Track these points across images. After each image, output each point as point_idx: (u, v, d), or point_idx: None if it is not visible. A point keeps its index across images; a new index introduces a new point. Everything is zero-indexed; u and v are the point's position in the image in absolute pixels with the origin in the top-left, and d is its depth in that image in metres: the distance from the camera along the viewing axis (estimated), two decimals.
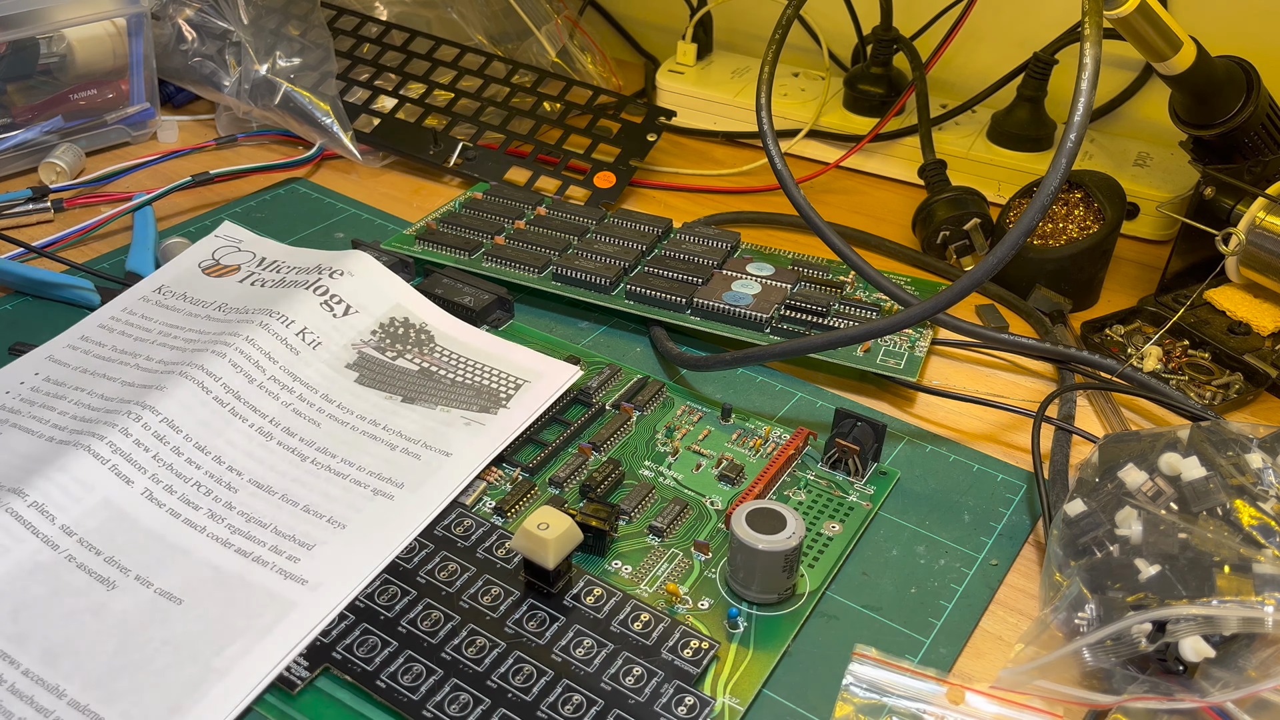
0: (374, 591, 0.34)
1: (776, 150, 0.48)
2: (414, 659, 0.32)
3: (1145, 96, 0.66)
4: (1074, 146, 0.34)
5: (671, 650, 0.32)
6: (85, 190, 0.59)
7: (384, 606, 0.33)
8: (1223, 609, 0.29)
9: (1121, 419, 0.45)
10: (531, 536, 0.32)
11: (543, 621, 0.33)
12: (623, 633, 0.32)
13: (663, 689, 0.31)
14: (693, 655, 0.32)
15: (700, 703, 0.30)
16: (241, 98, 0.63)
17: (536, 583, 0.34)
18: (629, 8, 0.82)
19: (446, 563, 0.35)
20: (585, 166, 0.62)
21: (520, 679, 0.31)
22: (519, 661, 0.32)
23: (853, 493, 0.40)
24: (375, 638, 0.32)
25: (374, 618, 0.33)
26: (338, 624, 0.33)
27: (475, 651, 0.32)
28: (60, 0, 0.57)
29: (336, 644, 0.32)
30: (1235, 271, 0.50)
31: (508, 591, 0.34)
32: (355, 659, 0.32)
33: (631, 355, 0.48)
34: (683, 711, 0.30)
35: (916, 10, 0.67)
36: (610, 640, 0.32)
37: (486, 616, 0.33)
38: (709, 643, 0.32)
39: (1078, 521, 0.34)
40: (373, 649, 0.32)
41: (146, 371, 0.41)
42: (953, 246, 0.55)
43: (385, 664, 0.32)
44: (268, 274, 0.48)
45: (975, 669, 0.34)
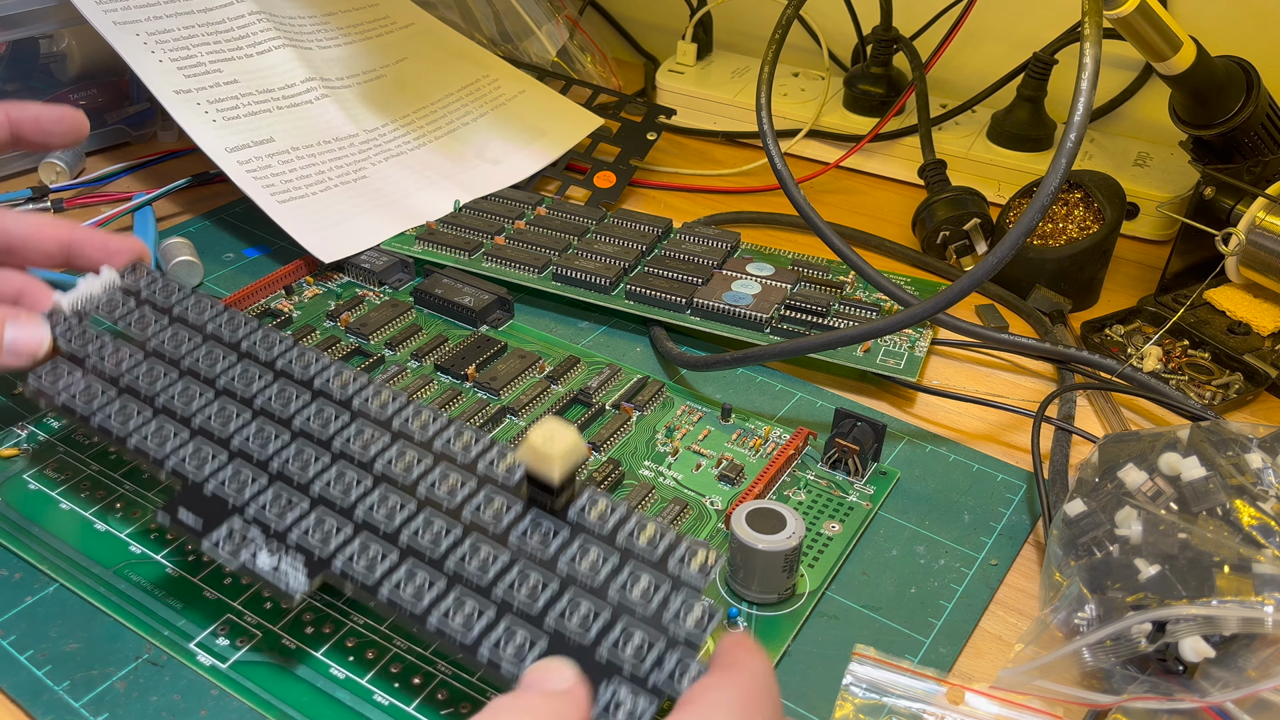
0: (374, 503, 0.33)
1: (776, 150, 0.48)
2: (416, 568, 0.31)
3: (1145, 96, 0.66)
4: (1074, 146, 0.34)
5: (679, 562, 0.31)
6: (85, 190, 0.59)
7: (384, 518, 0.32)
8: (1222, 609, 0.29)
9: (1121, 419, 0.45)
10: (537, 451, 0.31)
11: (547, 533, 0.32)
12: (629, 545, 0.32)
13: (671, 599, 0.30)
14: (700, 567, 0.31)
15: (708, 613, 0.30)
16: None
17: (540, 497, 0.33)
18: (629, 8, 0.82)
19: (448, 475, 0.34)
20: (585, 166, 0.62)
21: (526, 589, 0.30)
22: (524, 572, 0.31)
23: (853, 493, 0.40)
24: (376, 547, 0.31)
25: (374, 529, 0.32)
26: (336, 532, 0.32)
27: (479, 563, 0.31)
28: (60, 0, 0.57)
29: (336, 554, 0.31)
30: (1235, 271, 0.50)
31: (510, 504, 0.33)
32: (356, 569, 0.31)
33: (631, 355, 0.48)
34: (691, 621, 0.29)
35: (916, 10, 0.67)
36: (616, 552, 0.32)
37: (490, 528, 0.32)
38: (715, 554, 0.32)
39: (1077, 521, 0.34)
40: (374, 559, 0.31)
41: None
42: (953, 246, 0.55)
43: (387, 575, 0.31)
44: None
45: (975, 669, 0.34)
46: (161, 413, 0.36)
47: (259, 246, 0.55)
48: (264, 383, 0.37)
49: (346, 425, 0.35)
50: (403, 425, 0.35)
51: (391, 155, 0.58)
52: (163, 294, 0.40)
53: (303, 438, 0.35)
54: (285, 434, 0.35)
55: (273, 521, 0.32)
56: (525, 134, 0.62)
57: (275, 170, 0.54)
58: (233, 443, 0.35)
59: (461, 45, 0.68)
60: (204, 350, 0.38)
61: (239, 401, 0.36)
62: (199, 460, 0.34)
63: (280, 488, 0.33)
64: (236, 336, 0.39)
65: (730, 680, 0.27)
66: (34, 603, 0.35)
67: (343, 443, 0.35)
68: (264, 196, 0.52)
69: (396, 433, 0.35)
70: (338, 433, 0.35)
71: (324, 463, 0.34)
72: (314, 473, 0.34)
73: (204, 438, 0.35)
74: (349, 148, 0.57)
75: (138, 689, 0.32)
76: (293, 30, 0.60)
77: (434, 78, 0.64)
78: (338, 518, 0.32)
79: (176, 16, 0.56)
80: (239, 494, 0.33)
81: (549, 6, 0.72)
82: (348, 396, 0.36)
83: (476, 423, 0.42)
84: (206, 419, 0.35)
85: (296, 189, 0.53)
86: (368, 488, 0.33)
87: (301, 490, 0.33)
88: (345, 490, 0.33)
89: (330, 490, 0.33)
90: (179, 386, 0.37)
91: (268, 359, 0.38)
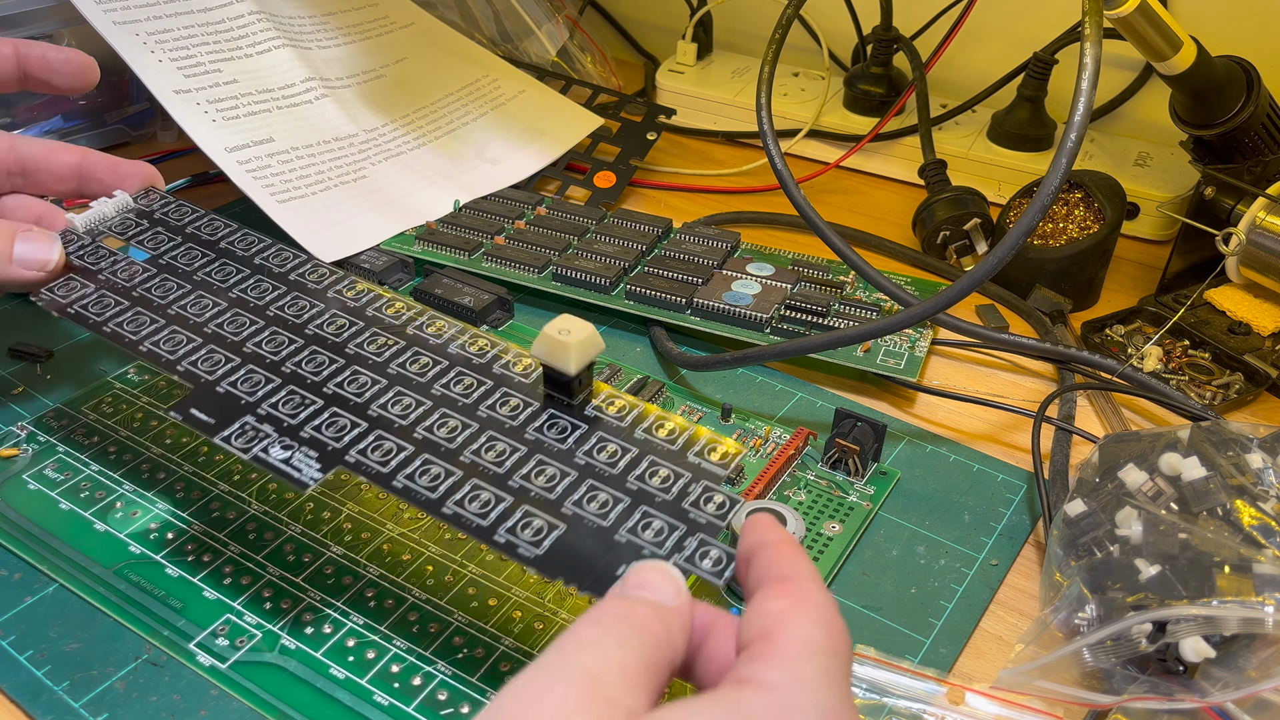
0: (387, 402, 0.33)
1: (776, 150, 0.48)
2: (431, 462, 0.31)
3: (1145, 96, 0.66)
4: (1074, 146, 0.34)
5: (698, 454, 0.31)
6: None
7: (398, 415, 0.33)
8: (1223, 609, 0.29)
9: (1121, 419, 0.45)
10: (553, 341, 0.31)
11: (564, 430, 0.32)
12: (647, 439, 0.32)
13: (690, 488, 0.30)
14: (720, 459, 0.31)
15: (730, 501, 0.30)
16: None
17: (556, 395, 0.33)
18: (629, 8, 0.82)
19: (462, 377, 0.34)
20: (585, 166, 0.62)
21: (544, 479, 0.30)
22: (541, 464, 0.31)
23: (853, 493, 0.40)
24: (390, 443, 0.32)
25: (388, 425, 0.32)
26: (350, 429, 0.32)
27: (495, 455, 0.31)
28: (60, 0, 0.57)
29: (350, 448, 0.32)
30: (1235, 271, 0.50)
31: (526, 403, 0.33)
32: (370, 461, 0.31)
33: (631, 355, 0.48)
34: (712, 508, 0.29)
35: (916, 10, 0.67)
36: (634, 445, 0.32)
37: (506, 424, 0.32)
38: (735, 448, 0.32)
39: (1078, 521, 0.34)
40: (388, 453, 0.31)
41: None
42: (953, 246, 0.55)
43: (401, 466, 0.31)
44: None
45: (975, 669, 0.34)
46: (174, 321, 0.36)
47: None
48: (277, 294, 0.38)
49: (360, 332, 0.36)
50: (418, 331, 0.36)
51: (391, 155, 0.58)
52: (175, 215, 0.41)
53: (316, 344, 0.35)
54: (299, 340, 0.36)
55: (286, 419, 0.32)
56: (525, 134, 0.62)
57: (275, 170, 0.54)
58: (245, 348, 0.35)
59: (461, 45, 0.68)
60: (216, 265, 0.39)
61: (251, 311, 0.37)
62: (212, 363, 0.34)
63: (294, 389, 0.33)
64: (249, 252, 0.39)
65: (806, 611, 0.24)
66: (34, 603, 0.35)
67: (356, 348, 0.35)
68: (264, 196, 0.52)
69: (411, 337, 0.36)
70: (351, 339, 0.35)
71: (337, 366, 0.34)
72: (327, 374, 0.34)
73: (216, 344, 0.35)
74: (349, 148, 0.57)
75: (137, 689, 0.32)
76: (293, 30, 0.60)
77: (434, 78, 0.64)
78: (351, 416, 0.33)
79: (176, 16, 0.56)
80: (251, 393, 0.33)
81: (549, 6, 0.72)
82: (360, 305, 0.37)
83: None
84: (219, 326, 0.36)
85: (296, 189, 0.53)
86: (382, 388, 0.33)
87: (314, 391, 0.33)
88: (359, 391, 0.33)
89: (344, 390, 0.33)
90: (191, 298, 0.37)
91: (280, 272, 0.39)
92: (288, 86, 0.57)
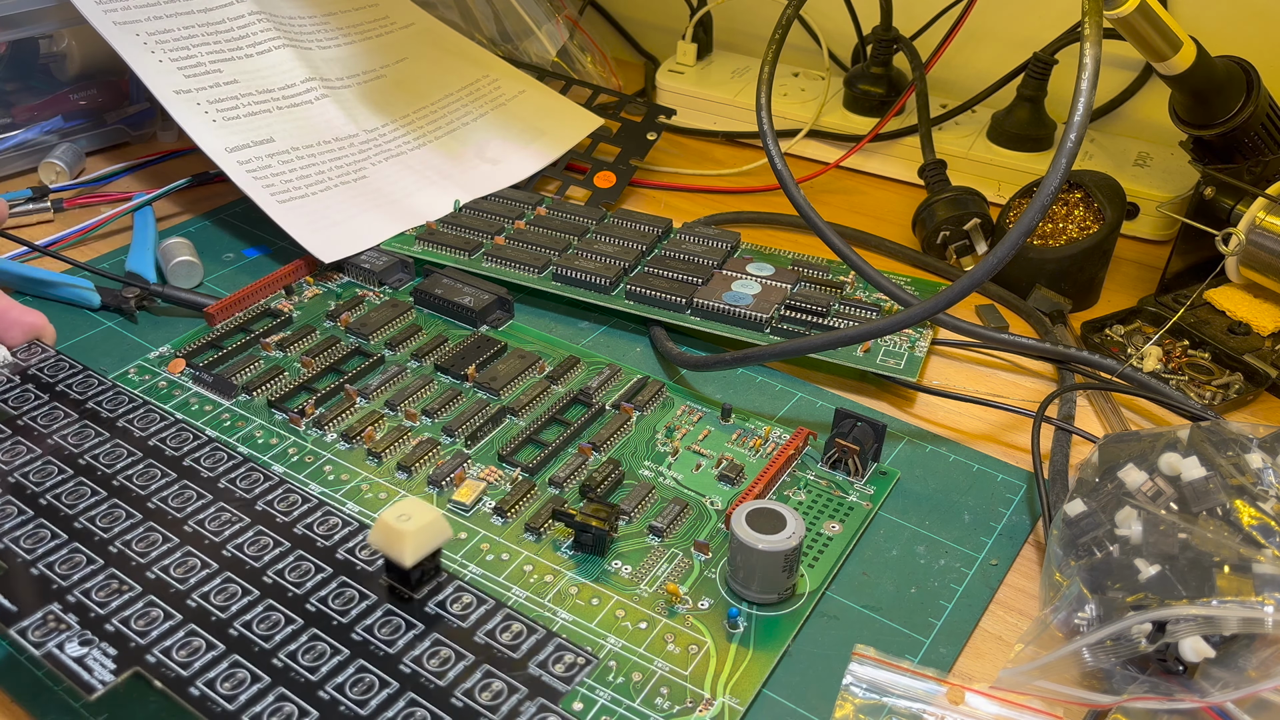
0: (210, 591, 0.31)
1: (776, 150, 0.48)
2: (239, 665, 0.29)
3: (1145, 96, 0.66)
4: (1074, 146, 0.34)
5: (541, 665, 0.29)
6: (85, 190, 0.59)
7: (218, 607, 0.31)
8: (1223, 609, 0.29)
9: (1121, 419, 0.45)
10: (389, 530, 0.29)
11: (397, 629, 0.30)
12: (488, 644, 0.30)
13: (523, 707, 0.28)
14: (565, 670, 0.29)
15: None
16: None
17: (398, 586, 0.31)
18: (629, 8, 0.82)
19: (300, 562, 0.32)
20: (585, 166, 0.62)
21: (358, 690, 0.28)
22: (361, 671, 0.29)
23: (853, 493, 0.40)
24: (200, 640, 0.30)
25: (204, 619, 0.30)
26: (160, 624, 0.30)
27: (312, 659, 0.29)
28: (60, 0, 0.57)
29: (154, 646, 0.30)
30: (1235, 271, 0.50)
31: (363, 595, 0.31)
32: (171, 662, 0.29)
33: (631, 355, 0.48)
34: None
35: (916, 10, 0.67)
36: (471, 651, 0.29)
37: (333, 621, 0.30)
38: (585, 656, 0.30)
39: (1077, 521, 0.34)
40: (194, 652, 0.29)
41: None
42: (953, 246, 0.55)
43: (205, 669, 0.29)
44: None
45: (975, 669, 0.34)
46: (10, 491, 0.35)
47: (259, 246, 0.55)
48: (130, 461, 0.36)
49: (206, 506, 0.34)
50: (267, 507, 0.34)
51: (391, 155, 0.58)
52: (50, 372, 0.40)
53: (155, 519, 0.34)
54: (136, 515, 0.34)
55: (95, 608, 0.30)
56: (525, 134, 0.62)
57: (275, 170, 0.54)
58: (76, 523, 0.33)
59: (461, 45, 0.68)
60: (75, 429, 0.37)
61: (97, 480, 0.35)
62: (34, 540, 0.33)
63: (113, 573, 0.32)
64: (115, 414, 0.38)
65: None
66: None
67: (196, 525, 0.33)
68: (264, 196, 0.52)
69: (259, 514, 0.34)
70: (193, 514, 0.34)
71: (169, 546, 0.33)
72: (155, 555, 0.32)
73: (46, 518, 0.34)
74: (349, 148, 0.57)
75: (138, 689, 0.32)
76: (293, 30, 0.60)
77: (434, 78, 0.64)
78: (166, 607, 0.31)
79: (176, 16, 0.56)
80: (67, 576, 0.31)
81: (549, 6, 0.72)
82: (215, 476, 0.36)
83: (476, 423, 0.42)
84: (56, 499, 0.34)
85: (296, 189, 0.53)
86: (209, 575, 0.32)
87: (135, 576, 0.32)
88: (184, 577, 0.32)
89: (169, 576, 0.32)
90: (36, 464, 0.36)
91: (140, 436, 0.37)
92: (288, 87, 0.57)
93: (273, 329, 0.47)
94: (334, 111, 0.58)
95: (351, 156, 0.57)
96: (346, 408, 0.43)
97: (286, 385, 0.44)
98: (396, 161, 0.58)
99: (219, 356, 0.45)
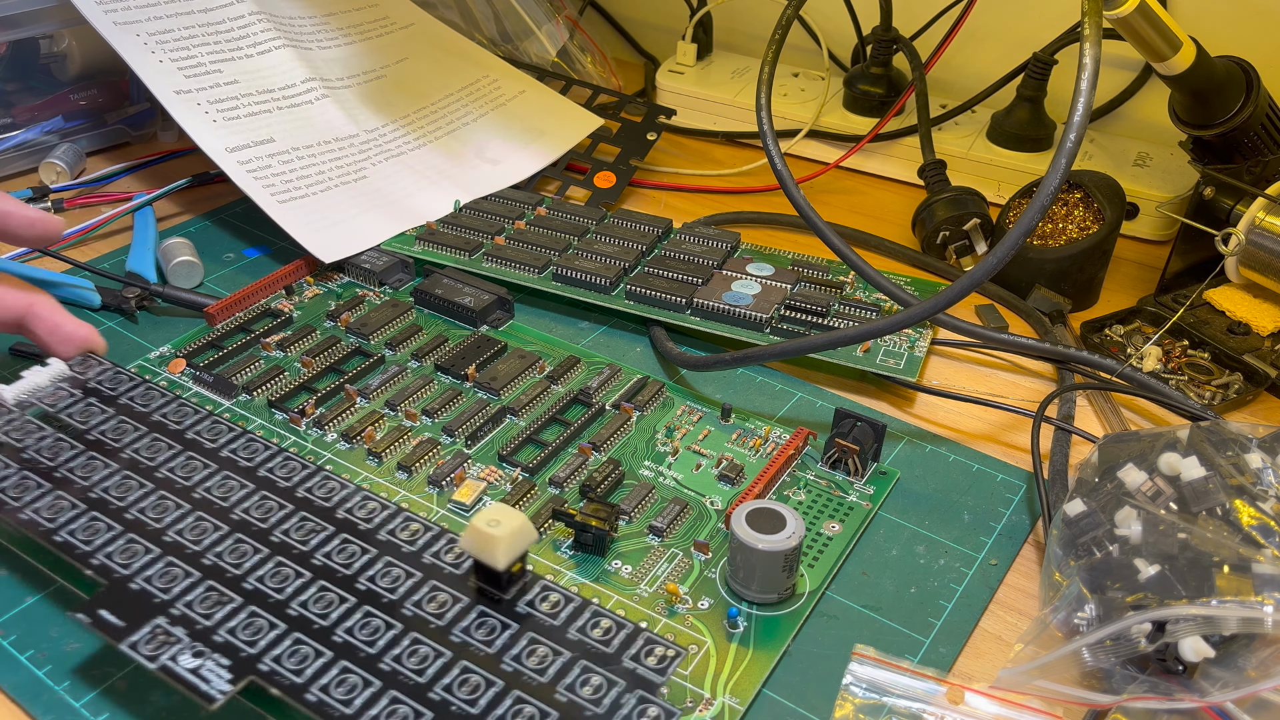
0: (308, 599, 0.32)
1: (776, 150, 0.48)
2: (349, 670, 0.29)
3: (1145, 96, 0.66)
4: (1074, 146, 0.34)
5: (634, 658, 0.30)
6: (85, 190, 0.59)
7: (318, 615, 0.31)
8: (1222, 609, 0.29)
9: (1121, 419, 0.45)
10: (480, 535, 0.30)
11: (493, 630, 0.31)
12: (581, 640, 0.30)
13: (624, 699, 0.29)
14: (658, 663, 0.30)
15: (665, 713, 0.29)
16: None
17: (487, 588, 0.32)
18: (629, 8, 0.82)
19: (389, 569, 0.33)
20: (585, 166, 0.62)
21: (466, 690, 0.29)
22: (465, 672, 0.29)
23: (852, 493, 0.40)
24: (307, 648, 0.30)
25: (307, 626, 0.31)
26: (266, 633, 0.31)
27: (417, 662, 0.30)
28: (60, 0, 0.57)
29: (264, 654, 0.30)
30: (1235, 271, 0.50)
31: (455, 599, 0.32)
32: (284, 670, 0.29)
33: (631, 355, 0.48)
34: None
35: (916, 10, 0.67)
36: (566, 648, 0.30)
37: (431, 625, 0.31)
38: (674, 650, 0.31)
39: (1077, 521, 0.34)
40: (304, 660, 0.30)
41: None
42: (952, 246, 0.55)
43: (317, 676, 0.29)
44: None
45: (975, 669, 0.34)
46: (95, 506, 0.35)
47: (259, 246, 0.55)
48: (206, 474, 0.36)
49: (289, 516, 0.34)
50: (348, 515, 0.35)
51: (391, 155, 0.58)
52: (110, 384, 0.40)
53: (241, 530, 0.34)
54: (224, 527, 0.34)
55: (200, 619, 0.31)
56: (525, 134, 0.62)
57: (275, 170, 0.54)
58: (165, 536, 0.34)
59: (461, 45, 0.68)
60: (147, 441, 0.37)
61: (176, 493, 0.35)
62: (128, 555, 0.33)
63: (212, 585, 0.32)
64: (183, 425, 0.38)
65: None
66: (34, 603, 0.35)
67: (283, 535, 0.34)
68: (264, 196, 0.52)
69: (341, 522, 0.34)
70: (278, 525, 0.34)
71: (261, 557, 0.33)
72: (249, 567, 0.33)
73: (135, 532, 0.34)
74: (349, 148, 0.57)
75: (138, 689, 0.32)
76: (293, 30, 0.60)
77: (434, 78, 0.64)
78: (269, 616, 0.31)
79: (176, 17, 0.56)
80: (166, 590, 0.32)
81: (549, 6, 0.72)
82: (292, 485, 0.36)
83: (476, 423, 0.42)
84: (141, 512, 0.34)
85: (296, 189, 0.53)
86: (305, 582, 0.32)
87: (233, 587, 0.32)
88: (280, 586, 0.32)
89: (265, 585, 0.32)
90: (115, 479, 0.36)
91: (212, 448, 0.37)
92: (288, 87, 0.57)
93: (273, 329, 0.47)
94: (334, 111, 0.58)
95: (352, 156, 0.57)
96: (347, 408, 0.43)
97: (287, 385, 0.44)
98: (397, 161, 0.58)
99: (219, 356, 0.45)
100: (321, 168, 0.55)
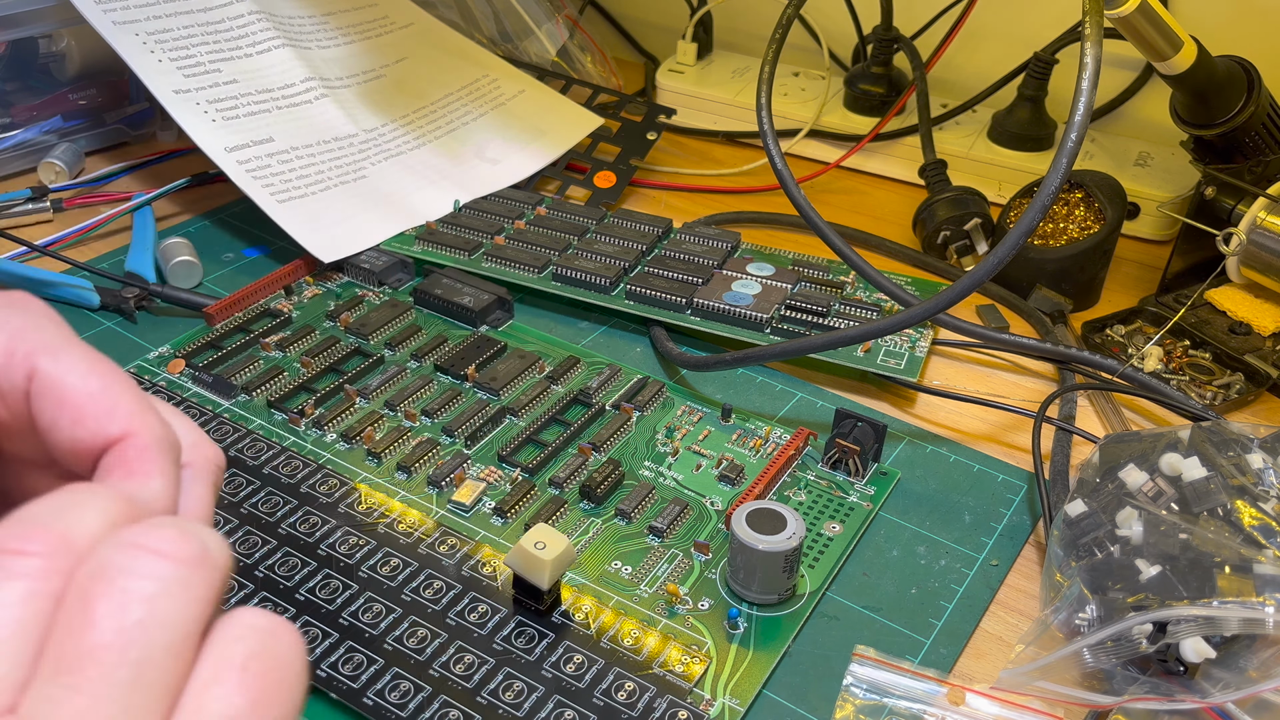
0: (359, 609, 0.33)
1: (776, 150, 0.48)
2: (401, 676, 0.31)
3: (1146, 96, 0.66)
4: (1074, 146, 0.34)
5: (661, 664, 0.32)
6: (85, 190, 0.59)
7: (369, 624, 0.33)
8: (1223, 610, 0.29)
9: (1122, 419, 0.45)
10: (528, 556, 0.32)
11: (532, 639, 0.33)
12: (613, 649, 0.33)
13: (656, 703, 0.31)
14: (683, 669, 0.32)
15: (694, 716, 0.31)
16: None
17: (525, 600, 0.34)
18: (629, 7, 0.82)
19: (432, 580, 0.35)
20: (585, 166, 0.62)
21: (511, 695, 0.31)
22: (509, 678, 0.31)
23: (853, 493, 0.40)
24: (360, 655, 0.32)
25: (358, 635, 0.33)
26: (321, 641, 0.32)
27: (464, 669, 0.32)
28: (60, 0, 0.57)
29: (320, 662, 0.32)
30: (1236, 271, 0.50)
31: (495, 609, 0.34)
32: (341, 676, 0.31)
33: (631, 355, 0.48)
34: None
35: (916, 10, 0.67)
36: (600, 656, 0.32)
37: (474, 634, 0.33)
38: (699, 658, 0.32)
39: (1078, 522, 0.34)
40: (358, 666, 0.32)
41: None
42: (953, 246, 0.55)
43: (372, 681, 0.31)
44: None
45: (975, 670, 0.34)
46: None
47: (258, 246, 0.55)
48: (250, 489, 0.38)
49: (332, 531, 0.36)
50: (387, 529, 0.37)
51: (391, 155, 0.58)
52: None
53: (289, 544, 0.36)
54: (272, 541, 0.36)
55: None
56: (525, 134, 0.62)
57: (275, 170, 0.54)
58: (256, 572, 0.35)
59: (461, 45, 0.68)
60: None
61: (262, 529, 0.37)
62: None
63: (266, 596, 0.34)
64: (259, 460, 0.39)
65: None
66: None
67: (329, 549, 0.36)
68: (263, 196, 0.52)
69: (383, 537, 0.36)
70: (323, 539, 0.36)
71: (309, 570, 0.35)
72: (299, 579, 0.34)
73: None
74: (349, 147, 0.57)
75: None
76: (292, 30, 0.60)
77: (434, 78, 0.64)
78: (322, 627, 0.33)
79: (176, 16, 0.56)
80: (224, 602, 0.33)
81: (549, 6, 0.72)
82: (333, 500, 0.38)
83: (476, 423, 0.42)
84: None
85: (296, 189, 0.53)
86: (353, 594, 0.34)
87: (286, 598, 0.34)
88: (330, 597, 0.34)
89: (316, 596, 0.34)
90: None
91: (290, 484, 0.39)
92: (287, 86, 0.57)
93: (272, 329, 0.47)
94: (334, 111, 0.58)
95: (351, 156, 0.57)
96: (346, 408, 0.43)
97: (286, 385, 0.44)
98: (396, 161, 0.58)
99: (219, 357, 0.45)
100: (321, 167, 0.55)
